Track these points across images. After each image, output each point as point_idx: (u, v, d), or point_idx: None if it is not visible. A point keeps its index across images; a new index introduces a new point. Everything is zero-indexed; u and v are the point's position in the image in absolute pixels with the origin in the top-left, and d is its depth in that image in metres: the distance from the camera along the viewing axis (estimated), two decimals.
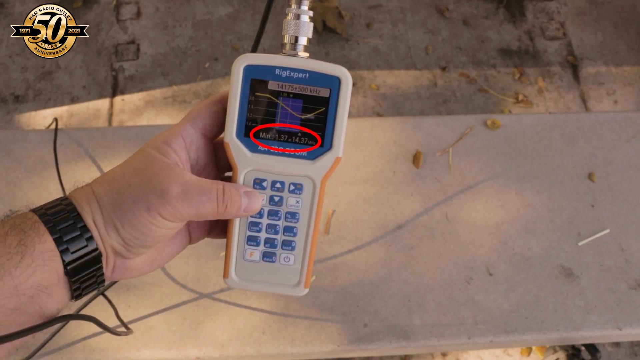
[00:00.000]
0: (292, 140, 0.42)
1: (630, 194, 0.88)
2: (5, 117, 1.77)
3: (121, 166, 0.41)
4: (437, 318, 0.79)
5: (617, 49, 1.93)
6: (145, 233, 0.38)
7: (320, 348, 0.77)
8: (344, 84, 0.41)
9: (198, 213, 0.39)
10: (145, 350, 0.76)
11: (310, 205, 0.43)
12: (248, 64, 0.41)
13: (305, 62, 0.41)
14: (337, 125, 0.42)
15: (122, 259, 0.40)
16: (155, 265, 0.43)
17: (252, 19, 1.96)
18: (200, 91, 1.82)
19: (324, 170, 0.42)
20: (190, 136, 0.41)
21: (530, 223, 0.86)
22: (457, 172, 0.90)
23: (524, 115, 0.96)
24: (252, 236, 0.44)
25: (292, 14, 0.42)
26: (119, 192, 0.38)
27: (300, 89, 0.41)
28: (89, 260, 0.38)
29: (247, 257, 0.44)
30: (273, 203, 0.43)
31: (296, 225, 0.43)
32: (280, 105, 0.41)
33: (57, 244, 0.37)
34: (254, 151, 0.42)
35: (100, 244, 0.39)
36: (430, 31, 1.95)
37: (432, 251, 0.84)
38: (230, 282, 0.44)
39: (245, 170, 0.42)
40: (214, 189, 0.40)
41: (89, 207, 0.38)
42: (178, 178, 0.39)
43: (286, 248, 0.44)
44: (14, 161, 0.90)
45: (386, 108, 1.80)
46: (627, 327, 0.79)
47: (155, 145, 0.40)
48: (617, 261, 0.83)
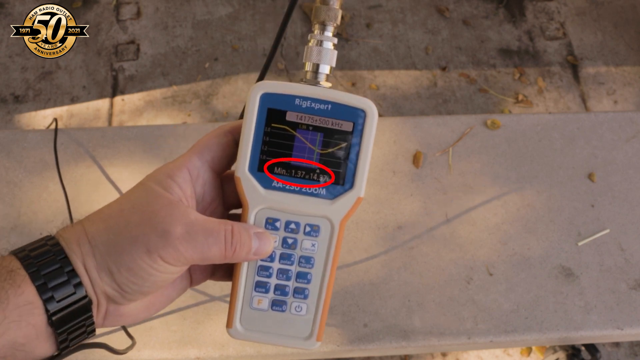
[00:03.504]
0: (310, 177, 0.39)
1: (630, 194, 0.88)
2: (5, 117, 1.77)
3: (118, 201, 0.37)
4: (437, 318, 0.79)
5: (617, 49, 1.93)
6: (144, 278, 0.35)
7: (320, 348, 0.77)
8: (369, 117, 0.38)
9: (203, 256, 0.36)
10: (145, 351, 0.76)
11: (327, 249, 0.39)
12: (265, 92, 0.38)
13: (328, 93, 0.38)
14: (360, 162, 0.38)
15: (116, 305, 0.37)
16: (152, 310, 0.39)
17: (252, 19, 1.96)
18: (200, 91, 1.82)
19: (343, 211, 0.39)
20: (196, 169, 0.38)
21: (530, 223, 0.86)
22: (457, 172, 0.90)
23: (524, 115, 0.96)
24: (261, 282, 0.39)
25: (314, 40, 0.39)
26: (115, 232, 0.35)
27: (321, 121, 0.38)
28: (77, 309, 0.34)
29: (254, 305, 0.40)
30: (286, 246, 0.39)
31: (311, 271, 0.39)
32: (298, 139, 0.38)
33: (40, 292, 0.33)
34: (267, 187, 0.39)
35: (90, 290, 0.35)
36: (430, 31, 1.95)
37: (432, 251, 0.84)
38: (235, 332, 0.40)
39: (257, 209, 0.39)
40: (222, 229, 0.36)
41: (79, 249, 0.35)
42: (182, 217, 0.35)
43: (298, 296, 0.40)
44: (14, 161, 0.90)
45: (386, 108, 1.80)
46: (627, 327, 0.79)
47: (157, 178, 0.37)
48: (617, 261, 0.83)
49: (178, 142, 0.91)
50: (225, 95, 1.82)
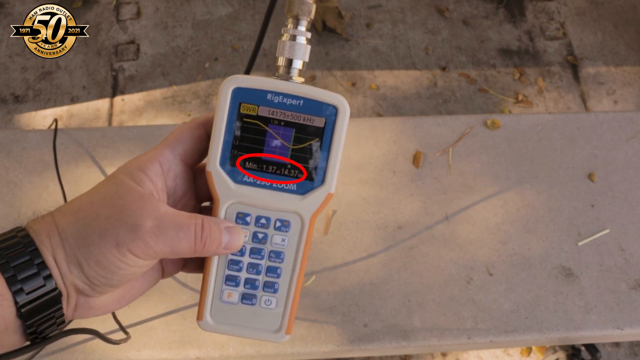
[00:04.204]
0: (281, 173, 0.39)
1: (630, 194, 0.88)
2: (5, 117, 1.77)
3: (89, 193, 0.36)
4: (437, 318, 0.79)
5: (617, 49, 1.93)
6: (113, 271, 0.34)
7: (320, 348, 0.77)
8: (341, 113, 0.38)
9: (173, 250, 0.35)
10: (145, 351, 0.76)
11: (297, 245, 0.40)
12: (237, 86, 0.38)
13: (300, 88, 0.38)
14: (331, 159, 0.38)
15: (86, 298, 0.36)
16: (123, 302, 0.39)
17: (252, 19, 1.96)
18: (200, 91, 1.83)
19: (314, 207, 0.39)
20: (168, 162, 0.38)
21: (530, 223, 0.86)
22: (457, 172, 0.90)
23: (524, 115, 0.96)
24: (232, 275, 0.40)
25: (287, 34, 0.39)
26: (84, 224, 0.34)
27: (293, 116, 0.38)
28: (46, 301, 0.34)
29: (224, 299, 0.40)
30: (256, 240, 0.39)
31: (280, 266, 0.40)
32: (270, 134, 0.38)
33: (9, 284, 0.33)
34: (238, 182, 0.39)
35: (60, 282, 0.35)
36: (430, 31, 1.95)
37: (432, 251, 0.84)
38: (205, 325, 0.40)
39: (228, 203, 0.39)
40: (192, 223, 0.36)
41: (49, 241, 0.34)
42: (152, 210, 0.35)
43: (268, 290, 0.40)
44: (14, 161, 0.90)
45: (386, 108, 1.80)
46: (627, 327, 0.79)
47: (128, 171, 0.36)
48: (617, 261, 0.83)
49: None
50: None
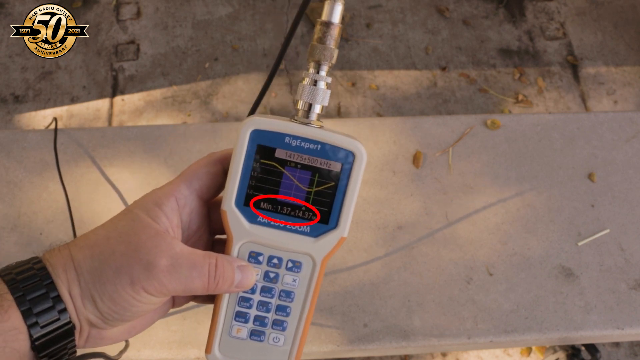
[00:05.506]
0: (295, 214, 0.39)
1: (630, 194, 0.88)
2: (5, 117, 1.77)
3: (105, 227, 0.37)
4: (437, 318, 0.79)
5: (617, 49, 1.93)
6: (125, 308, 0.35)
7: (320, 348, 0.77)
8: (358, 159, 0.38)
9: (186, 289, 0.36)
10: (145, 350, 0.76)
11: (307, 285, 0.40)
12: (256, 128, 0.38)
13: (318, 133, 0.38)
14: (346, 203, 0.39)
15: (98, 330, 0.37)
16: (133, 332, 0.40)
17: (252, 19, 1.96)
18: (200, 91, 1.83)
19: (326, 250, 0.40)
20: (184, 198, 0.38)
21: (530, 223, 0.86)
22: (457, 172, 0.90)
23: (524, 115, 0.96)
24: (241, 312, 0.40)
25: (309, 78, 0.39)
26: (100, 260, 0.35)
27: (310, 160, 0.38)
28: (60, 334, 0.35)
29: (233, 334, 0.41)
30: (268, 279, 0.40)
31: (290, 305, 0.40)
32: (286, 176, 0.39)
33: (25, 317, 0.33)
34: (252, 222, 0.39)
35: (74, 316, 0.35)
36: (430, 31, 1.95)
37: (432, 251, 0.84)
38: (213, 358, 0.41)
39: (242, 242, 0.39)
40: (206, 263, 0.36)
41: (65, 275, 0.35)
42: (167, 249, 0.35)
43: (277, 328, 0.41)
44: (14, 161, 0.90)
45: (386, 108, 1.80)
46: (627, 327, 0.79)
47: (144, 206, 0.37)
48: (617, 261, 0.83)
49: (178, 142, 0.91)
50: (225, 95, 1.82)
